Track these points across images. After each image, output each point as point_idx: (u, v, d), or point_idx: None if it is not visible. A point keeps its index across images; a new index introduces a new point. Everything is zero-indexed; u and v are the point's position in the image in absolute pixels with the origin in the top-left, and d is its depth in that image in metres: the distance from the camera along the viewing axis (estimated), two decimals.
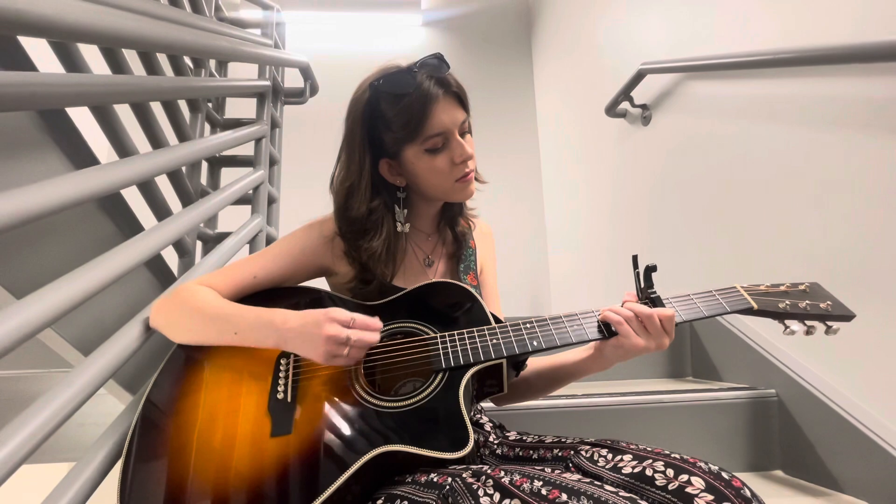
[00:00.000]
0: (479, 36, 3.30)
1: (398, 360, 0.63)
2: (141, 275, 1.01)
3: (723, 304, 0.64)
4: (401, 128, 0.68)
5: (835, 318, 0.63)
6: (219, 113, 1.45)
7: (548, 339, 0.62)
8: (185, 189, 1.21)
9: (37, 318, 0.55)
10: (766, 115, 1.19)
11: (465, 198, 0.75)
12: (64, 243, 0.83)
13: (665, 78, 1.59)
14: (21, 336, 0.52)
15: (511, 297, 3.03)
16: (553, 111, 2.90)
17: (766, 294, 0.66)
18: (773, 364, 1.12)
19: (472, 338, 0.63)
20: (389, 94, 0.68)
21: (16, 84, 0.58)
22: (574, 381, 0.75)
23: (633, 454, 0.54)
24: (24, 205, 0.55)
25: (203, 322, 0.65)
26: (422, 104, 0.66)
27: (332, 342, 0.54)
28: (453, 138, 0.69)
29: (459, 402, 0.56)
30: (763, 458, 1.07)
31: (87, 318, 0.86)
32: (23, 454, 0.49)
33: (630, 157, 1.88)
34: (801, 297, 0.65)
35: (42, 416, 0.53)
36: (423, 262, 0.81)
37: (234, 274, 0.72)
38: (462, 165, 0.71)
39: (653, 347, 0.61)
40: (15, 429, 0.50)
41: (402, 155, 0.71)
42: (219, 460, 0.55)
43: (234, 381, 0.62)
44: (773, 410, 1.08)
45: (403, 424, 0.55)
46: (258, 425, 0.57)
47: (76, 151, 0.83)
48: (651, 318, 0.60)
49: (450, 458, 0.52)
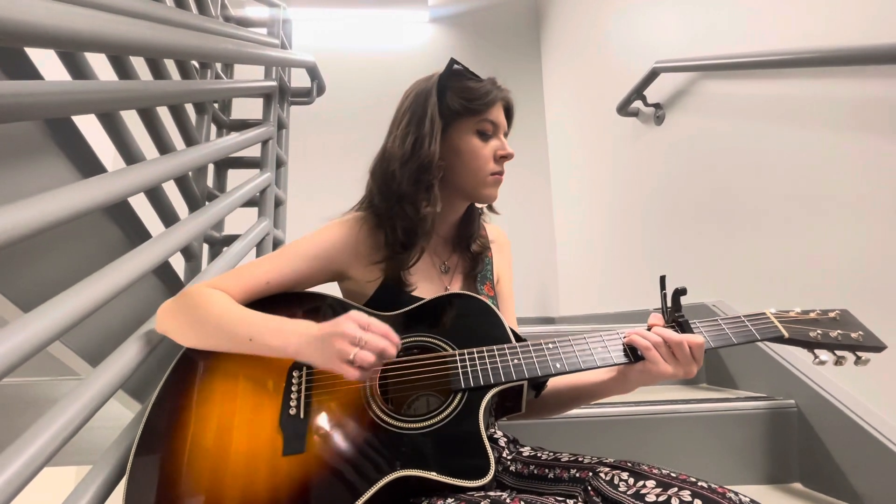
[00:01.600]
0: (487, 32, 3.26)
1: (415, 377, 0.61)
2: (147, 280, 0.99)
3: (753, 332, 0.62)
4: (469, 100, 0.72)
5: (866, 349, 0.61)
6: (225, 113, 1.43)
7: (571, 361, 0.60)
8: (192, 192, 1.19)
9: (44, 333, 0.54)
10: (783, 117, 1.15)
11: (490, 197, 0.77)
12: (71, 252, 0.82)
13: (679, 77, 1.56)
14: (29, 351, 0.51)
15: (519, 298, 3.00)
16: (563, 109, 2.85)
17: (797, 322, 0.64)
18: (792, 374, 1.09)
19: (492, 357, 0.60)
20: (465, 70, 0.75)
21: (22, 94, 0.57)
22: (593, 401, 0.73)
23: (656, 480, 0.52)
24: (33, 216, 0.54)
25: (214, 328, 0.62)
26: (491, 93, 0.74)
27: (344, 340, 0.52)
28: (501, 134, 0.76)
29: (479, 427, 0.54)
30: (782, 471, 1.05)
31: (93, 326, 0.84)
32: (35, 466, 0.49)
33: (642, 156, 1.84)
34: (832, 325, 0.64)
35: (53, 428, 0.52)
36: (439, 268, 0.79)
37: (247, 278, 0.69)
38: (501, 161, 0.75)
39: (681, 374, 0.59)
40: (27, 441, 0.50)
41: (453, 128, 0.73)
42: (229, 479, 0.53)
43: (244, 394, 0.60)
44: (793, 422, 1.05)
45: (421, 448, 0.53)
46: (270, 442, 0.55)
47: (81, 157, 0.82)
48: (681, 346, 0.58)
49: (469, 486, 0.50)
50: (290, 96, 1.55)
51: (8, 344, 0.49)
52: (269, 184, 1.31)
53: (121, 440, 0.62)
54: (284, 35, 1.51)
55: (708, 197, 1.44)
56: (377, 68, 2.99)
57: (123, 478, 0.56)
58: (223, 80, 1.34)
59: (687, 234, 1.55)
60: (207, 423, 0.58)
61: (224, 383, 0.62)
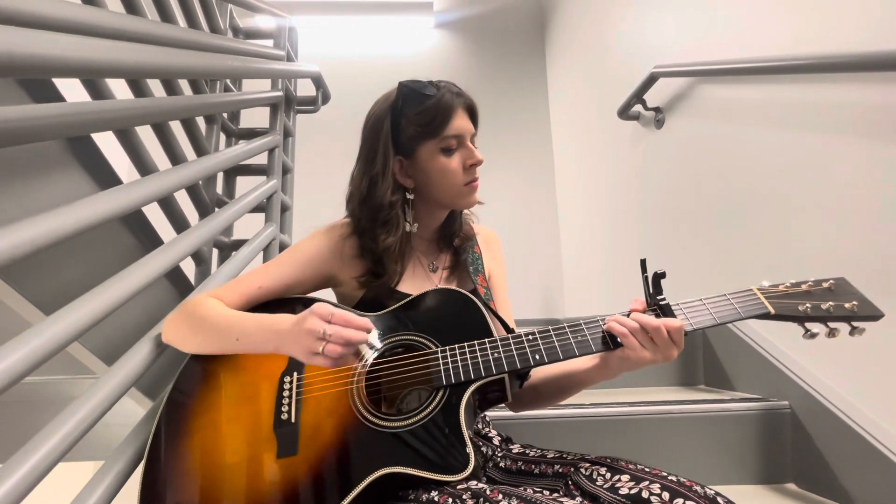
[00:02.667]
0: (493, 37, 3.29)
1: (400, 375, 0.64)
2: (159, 284, 1.04)
3: (737, 310, 0.61)
4: (423, 125, 0.73)
5: (861, 318, 0.58)
6: (234, 123, 1.49)
7: (550, 352, 0.61)
8: (202, 199, 1.25)
9: (64, 334, 0.58)
10: (780, 121, 1.16)
11: (469, 204, 0.78)
12: (89, 260, 0.87)
13: (678, 81, 1.57)
14: (50, 351, 0.56)
15: (524, 300, 3.02)
16: (567, 112, 2.87)
17: (786, 296, 0.62)
18: (785, 375, 1.10)
19: (472, 352, 0.62)
20: (417, 92, 0.74)
21: (47, 116, 0.62)
22: (583, 389, 0.73)
23: (630, 474, 0.55)
24: (56, 226, 0.59)
25: (208, 331, 0.66)
26: (444, 107, 0.73)
27: (311, 336, 0.54)
28: (467, 142, 0.75)
29: (460, 422, 0.57)
30: (775, 471, 1.06)
31: (109, 328, 0.90)
32: (52, 460, 0.53)
33: (643, 159, 1.86)
34: (824, 296, 0.60)
35: (71, 423, 0.57)
36: (427, 267, 0.82)
37: (241, 285, 0.74)
38: (472, 170, 0.76)
39: (660, 359, 0.59)
40: (45, 436, 0.54)
41: (417, 153, 0.74)
42: (230, 484, 0.57)
43: (242, 400, 0.64)
44: (786, 423, 1.07)
45: (404, 445, 0.56)
46: (265, 446, 0.59)
47: (99, 170, 0.88)
48: (658, 331, 0.58)
49: (450, 481, 0.53)
50: (296, 105, 1.60)
51: (31, 345, 0.53)
52: (275, 190, 1.36)
53: (131, 438, 0.67)
54: (290, 45, 1.56)
55: (708, 199, 1.45)
56: (384, 74, 3.00)
57: (137, 478, 0.61)
58: (231, 92, 1.39)
59: (688, 235, 1.57)
60: (209, 429, 0.62)
61: (225, 391, 0.66)
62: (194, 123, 1.20)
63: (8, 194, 0.72)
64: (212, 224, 1.03)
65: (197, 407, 0.65)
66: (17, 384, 0.51)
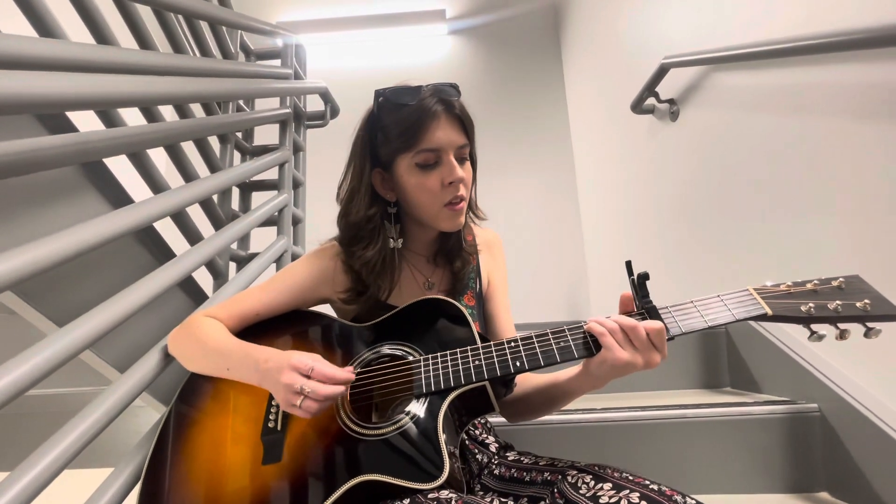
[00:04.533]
0: (507, 40, 3.28)
1: (382, 384, 0.64)
2: (175, 297, 1.10)
3: (730, 312, 0.57)
4: (396, 136, 0.68)
5: (876, 318, 0.53)
6: (248, 141, 1.55)
7: (531, 358, 0.60)
8: (217, 215, 1.30)
9: (79, 341, 0.63)
10: (795, 106, 1.10)
11: (451, 227, 0.73)
12: (107, 276, 0.92)
13: (690, 71, 1.51)
14: (64, 357, 0.60)
15: (548, 302, 2.97)
16: (584, 111, 2.82)
17: (788, 296, 0.57)
18: (814, 376, 1.02)
19: (454, 360, 0.62)
20: (392, 102, 0.69)
21: (61, 145, 0.68)
22: (572, 398, 0.70)
23: (613, 482, 0.53)
24: (76, 240, 0.65)
25: (204, 356, 0.69)
26: (420, 116, 0.67)
27: (288, 390, 0.56)
28: (446, 158, 0.68)
29: (437, 430, 0.57)
30: (805, 479, 0.99)
31: (126, 341, 0.95)
32: (65, 459, 0.57)
33: (661, 153, 1.80)
34: (832, 295, 0.56)
35: (84, 426, 0.61)
36: (423, 285, 0.80)
37: (239, 307, 0.76)
38: (452, 188, 0.69)
39: (640, 363, 0.56)
40: (61, 437, 0.58)
41: (395, 167, 0.71)
42: (222, 487, 0.59)
43: (235, 409, 0.66)
44: (815, 426, 0.99)
45: (381, 453, 0.56)
46: (253, 453, 0.61)
47: (111, 191, 0.93)
48: (635, 330, 0.55)
49: (424, 489, 0.52)
50: (306, 120, 1.65)
51: (45, 353, 0.58)
52: (285, 204, 1.40)
53: (140, 445, 0.70)
54: (297, 62, 1.61)
55: (728, 191, 1.39)
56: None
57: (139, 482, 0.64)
58: (243, 112, 1.45)
59: (708, 230, 1.50)
60: (206, 436, 0.65)
61: (221, 400, 0.68)
62: (207, 143, 1.26)
63: (31, 217, 0.79)
64: (223, 237, 1.07)
65: (195, 415, 0.68)
66: (42, 394, 0.55)
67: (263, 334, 0.75)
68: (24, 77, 0.59)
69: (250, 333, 0.75)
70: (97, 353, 0.87)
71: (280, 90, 1.34)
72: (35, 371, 0.56)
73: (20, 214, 0.78)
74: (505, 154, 3.17)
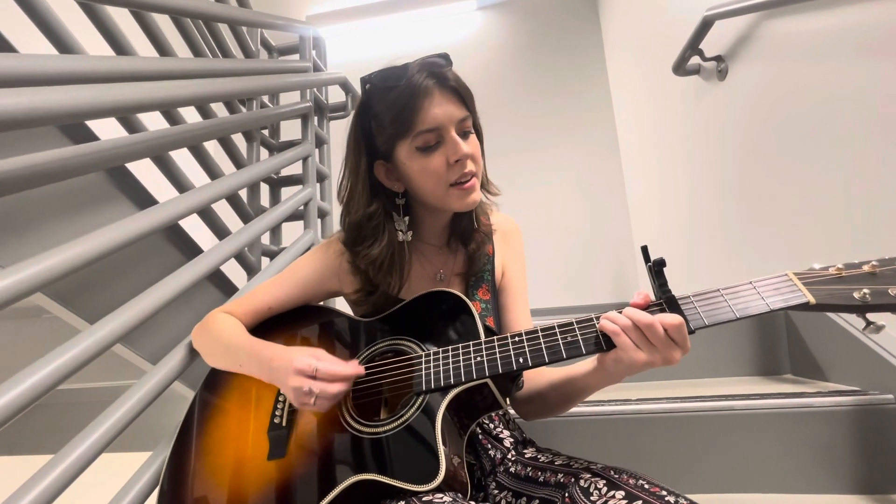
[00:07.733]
0: (540, 9, 3.10)
1: (385, 381, 0.63)
2: (206, 291, 1.14)
3: (763, 302, 0.50)
4: (390, 122, 0.64)
5: None
6: (274, 137, 1.57)
7: (536, 355, 0.56)
8: (245, 211, 1.34)
9: (105, 338, 0.66)
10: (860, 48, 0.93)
11: (463, 207, 0.68)
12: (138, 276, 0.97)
13: (738, 22, 1.34)
14: (93, 351, 0.64)
15: (592, 283, 2.85)
16: (625, 78, 2.63)
17: (837, 280, 0.49)
18: (888, 363, 0.89)
19: (455, 356, 0.59)
20: (380, 87, 0.65)
21: (85, 154, 0.71)
22: (590, 394, 0.65)
23: (626, 490, 0.48)
24: (104, 241, 0.69)
25: (220, 352, 0.71)
26: (411, 96, 0.62)
27: (298, 393, 0.57)
28: (448, 135, 0.64)
29: (436, 429, 0.54)
30: (880, 479, 0.87)
31: (163, 337, 1.01)
32: (102, 444, 0.62)
33: (709, 117, 1.63)
34: (863, 281, 0.49)
35: (118, 414, 0.66)
36: (434, 277, 0.77)
37: (252, 303, 0.77)
38: (458, 167, 0.64)
39: (658, 362, 0.51)
40: (97, 424, 0.63)
41: (395, 155, 0.67)
42: (227, 481, 0.60)
43: (249, 401, 0.68)
44: (891, 419, 0.87)
45: (380, 452, 0.55)
46: (259, 448, 0.62)
47: (137, 194, 0.98)
48: (652, 328, 0.50)
49: (418, 491, 0.50)
50: (328, 112, 1.65)
51: (79, 346, 0.62)
52: (310, 198, 1.41)
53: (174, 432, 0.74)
54: (317, 54, 1.60)
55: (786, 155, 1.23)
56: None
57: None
58: (267, 108, 1.47)
59: (763, 200, 1.34)
60: (221, 427, 0.67)
61: (235, 392, 0.70)
62: (231, 141, 1.29)
63: (63, 226, 0.84)
64: (247, 232, 1.10)
65: (214, 404, 0.70)
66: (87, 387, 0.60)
67: (274, 330, 0.76)
68: (49, 92, 0.61)
69: (264, 329, 0.76)
70: (134, 349, 0.93)
71: (296, 84, 1.34)
72: (70, 363, 0.61)
73: (52, 223, 0.83)
74: (544, 128, 3.03)
